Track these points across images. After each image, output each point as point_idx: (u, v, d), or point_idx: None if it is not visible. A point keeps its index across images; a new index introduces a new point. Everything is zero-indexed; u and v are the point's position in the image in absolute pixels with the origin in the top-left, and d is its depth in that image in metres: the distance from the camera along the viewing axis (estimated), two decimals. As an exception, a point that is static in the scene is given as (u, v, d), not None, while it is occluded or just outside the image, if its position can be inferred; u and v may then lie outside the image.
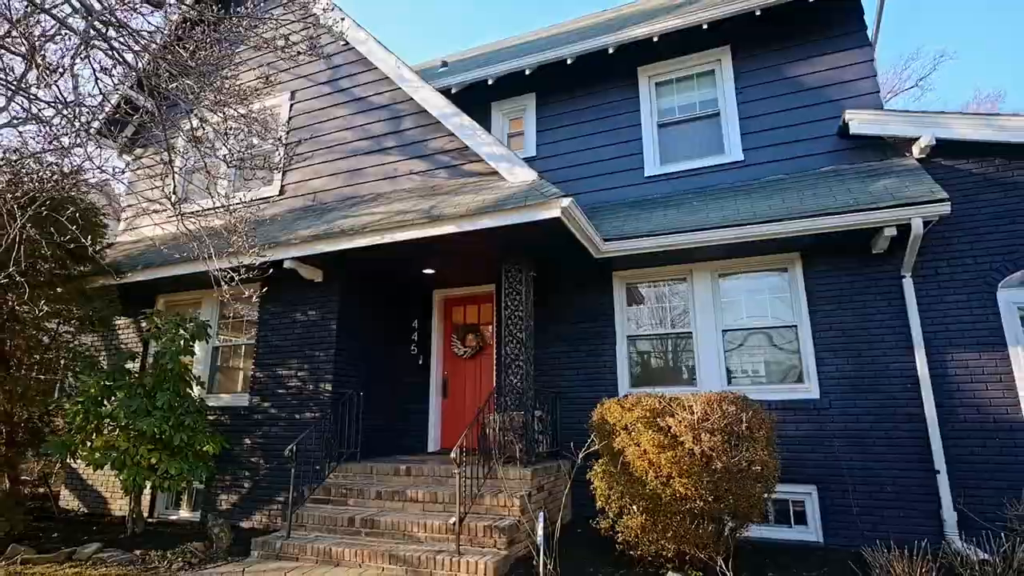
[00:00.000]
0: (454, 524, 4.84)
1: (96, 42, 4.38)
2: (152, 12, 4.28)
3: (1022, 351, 5.44)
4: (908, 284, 5.85)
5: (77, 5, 3.81)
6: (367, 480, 6.17)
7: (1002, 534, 4.74)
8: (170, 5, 4.36)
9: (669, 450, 4.23)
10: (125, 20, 4.12)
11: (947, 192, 5.84)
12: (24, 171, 5.75)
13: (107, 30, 3.98)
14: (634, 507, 4.41)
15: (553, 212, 5.29)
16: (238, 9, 5.45)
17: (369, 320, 7.51)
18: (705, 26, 7.08)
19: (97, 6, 4.25)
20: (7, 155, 6.05)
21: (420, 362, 8.08)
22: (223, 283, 4.89)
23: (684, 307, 6.88)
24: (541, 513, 4.80)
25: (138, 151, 9.31)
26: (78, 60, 4.76)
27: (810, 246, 6.22)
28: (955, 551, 4.74)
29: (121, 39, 4.38)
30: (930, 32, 31.40)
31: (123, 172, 7.41)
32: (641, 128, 7.69)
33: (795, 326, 6.32)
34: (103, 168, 5.36)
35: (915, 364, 5.67)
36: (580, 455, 4.87)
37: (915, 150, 6.13)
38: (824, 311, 6.18)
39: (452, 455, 4.85)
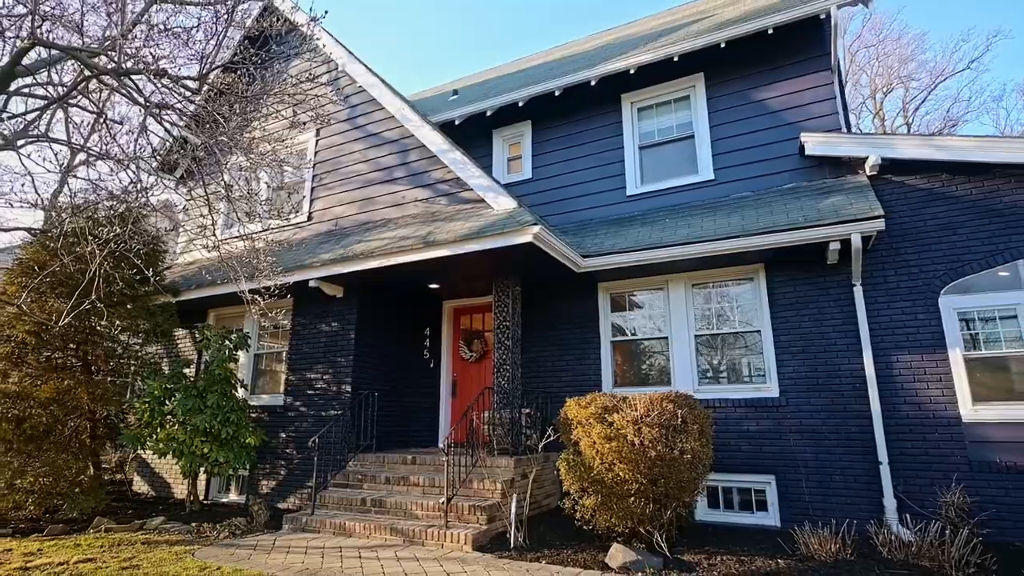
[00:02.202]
0: (443, 503, 5.78)
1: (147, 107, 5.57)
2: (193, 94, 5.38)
3: (960, 353, 5.92)
4: (858, 292, 6.39)
5: (138, 98, 4.95)
6: (379, 468, 7.20)
7: (933, 519, 5.31)
8: (207, 86, 5.45)
9: (613, 441, 5.03)
10: (171, 101, 5.25)
11: (895, 206, 6.42)
12: (100, 214, 7.07)
13: (160, 112, 5.12)
14: (588, 489, 5.22)
15: (526, 237, 6.14)
16: (260, 80, 6.53)
17: (385, 329, 8.56)
18: (676, 58, 7.77)
19: (148, 89, 5.41)
20: (86, 196, 7.42)
21: (431, 365, 9.08)
22: (249, 303, 6.00)
23: (661, 314, 7.59)
24: (515, 495, 5.69)
25: (191, 183, 10.70)
26: (129, 118, 6.00)
27: (772, 258, 6.83)
28: (891, 533, 5.27)
29: (168, 112, 5.55)
30: (982, 9, 30.02)
31: (175, 229, 8.67)
32: (624, 151, 8.43)
33: (759, 331, 6.94)
34: (156, 207, 6.60)
35: (863, 365, 6.22)
36: (540, 445, 5.72)
37: (867, 167, 6.65)
38: (784, 317, 6.78)
39: (440, 446, 5.79)
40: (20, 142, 5.54)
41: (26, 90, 6.12)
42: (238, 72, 5.90)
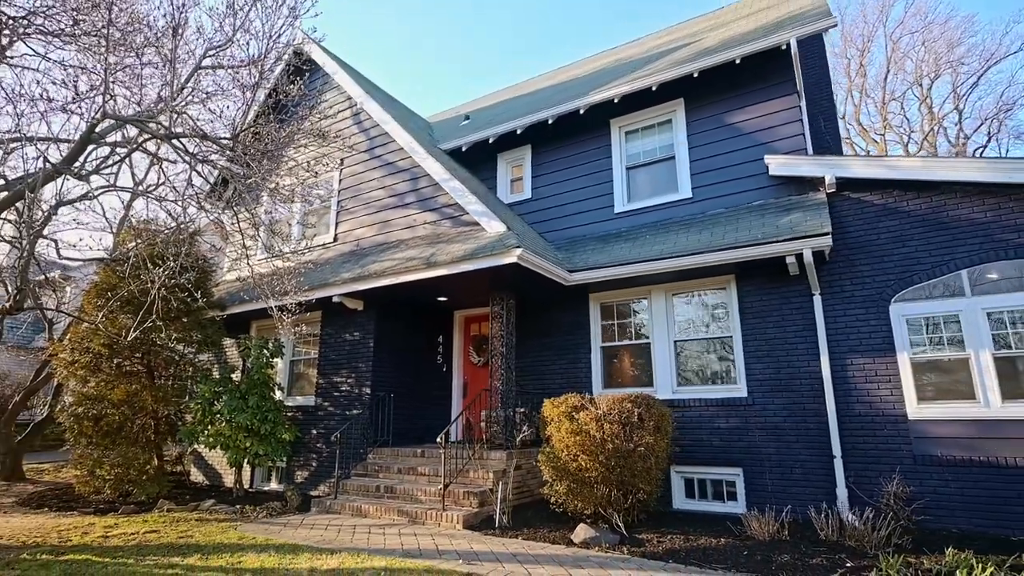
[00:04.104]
0: (440, 490, 6.74)
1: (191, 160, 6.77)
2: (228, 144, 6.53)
3: (908, 356, 6.46)
4: (817, 300, 6.98)
5: (184, 155, 6.12)
6: (394, 460, 8.23)
7: (879, 507, 5.92)
8: (238, 143, 6.59)
9: (578, 435, 5.86)
10: (210, 154, 6.42)
11: (852, 221, 7.01)
12: (157, 239, 8.36)
13: (202, 167, 6.28)
14: (561, 478, 6.07)
15: (511, 258, 7.02)
16: (288, 126, 7.69)
17: (402, 337, 9.60)
18: (654, 88, 8.48)
19: (191, 146, 6.60)
20: (146, 227, 8.75)
21: (444, 369, 10.07)
22: (277, 319, 7.14)
23: (645, 321, 8.32)
24: (501, 483, 6.59)
25: (235, 208, 12.06)
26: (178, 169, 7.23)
27: (741, 270, 7.47)
28: (831, 519, 5.88)
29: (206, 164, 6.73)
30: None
31: (224, 246, 9.95)
32: (612, 171, 9.19)
33: (731, 336, 7.60)
34: (203, 233, 7.82)
35: (821, 368, 6.81)
36: (518, 440, 6.60)
37: (826, 185, 7.21)
38: (752, 324, 7.42)
39: (438, 439, 6.76)
40: (96, 192, 6.82)
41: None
42: (267, 126, 7.01)
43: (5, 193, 6.37)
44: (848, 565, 4.73)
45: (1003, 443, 5.87)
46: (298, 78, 8.08)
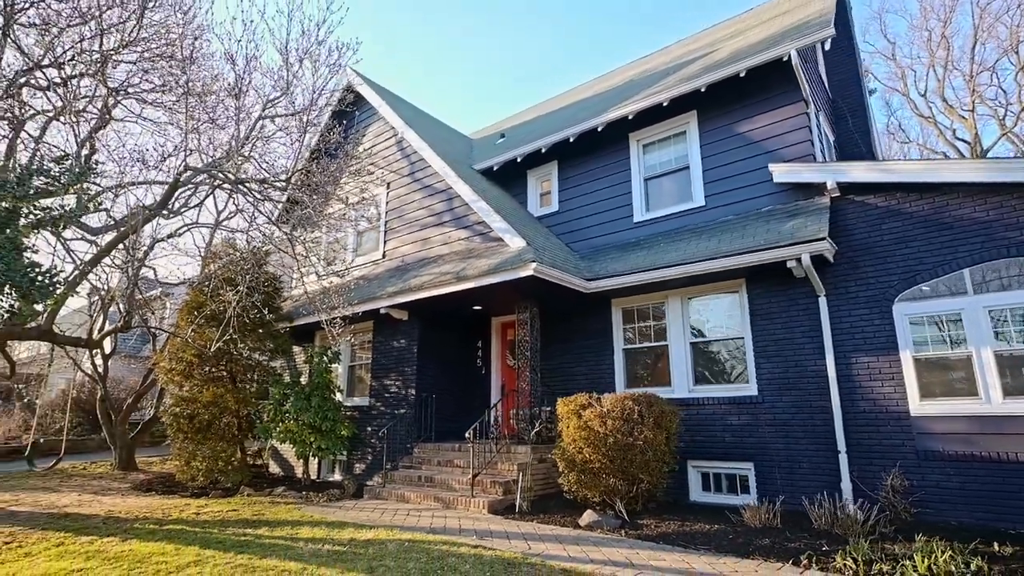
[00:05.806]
0: (470, 479, 7.60)
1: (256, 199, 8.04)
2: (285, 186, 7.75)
3: (911, 354, 6.63)
4: (823, 301, 7.26)
5: (246, 191, 7.36)
6: (435, 454, 9.19)
7: (880, 501, 6.20)
8: (290, 182, 7.80)
9: (583, 431, 6.53)
10: (267, 193, 7.64)
11: (856, 224, 7.27)
12: (231, 268, 9.78)
13: (263, 204, 7.51)
14: (570, 468, 6.76)
15: (528, 271, 7.77)
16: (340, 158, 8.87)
17: (443, 343, 10.57)
18: (665, 104, 8.96)
19: (255, 186, 7.85)
20: (226, 248, 10.22)
21: (483, 372, 10.95)
22: (328, 331, 8.29)
23: (663, 325, 8.81)
24: (522, 474, 7.37)
25: (300, 231, 13.54)
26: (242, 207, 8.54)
27: (750, 274, 7.83)
28: (823, 509, 6.19)
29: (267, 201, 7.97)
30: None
31: (284, 271, 11.36)
32: (632, 183, 9.73)
33: (742, 337, 7.96)
34: (276, 258, 9.13)
35: (826, 367, 7.09)
36: (531, 435, 7.32)
37: (829, 190, 7.45)
38: (762, 325, 7.76)
39: (467, 435, 7.63)
40: (184, 228, 8.26)
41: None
42: (318, 163, 8.18)
43: (114, 233, 7.88)
44: (824, 549, 5.13)
45: (1004, 439, 5.97)
46: (338, 124, 9.25)
